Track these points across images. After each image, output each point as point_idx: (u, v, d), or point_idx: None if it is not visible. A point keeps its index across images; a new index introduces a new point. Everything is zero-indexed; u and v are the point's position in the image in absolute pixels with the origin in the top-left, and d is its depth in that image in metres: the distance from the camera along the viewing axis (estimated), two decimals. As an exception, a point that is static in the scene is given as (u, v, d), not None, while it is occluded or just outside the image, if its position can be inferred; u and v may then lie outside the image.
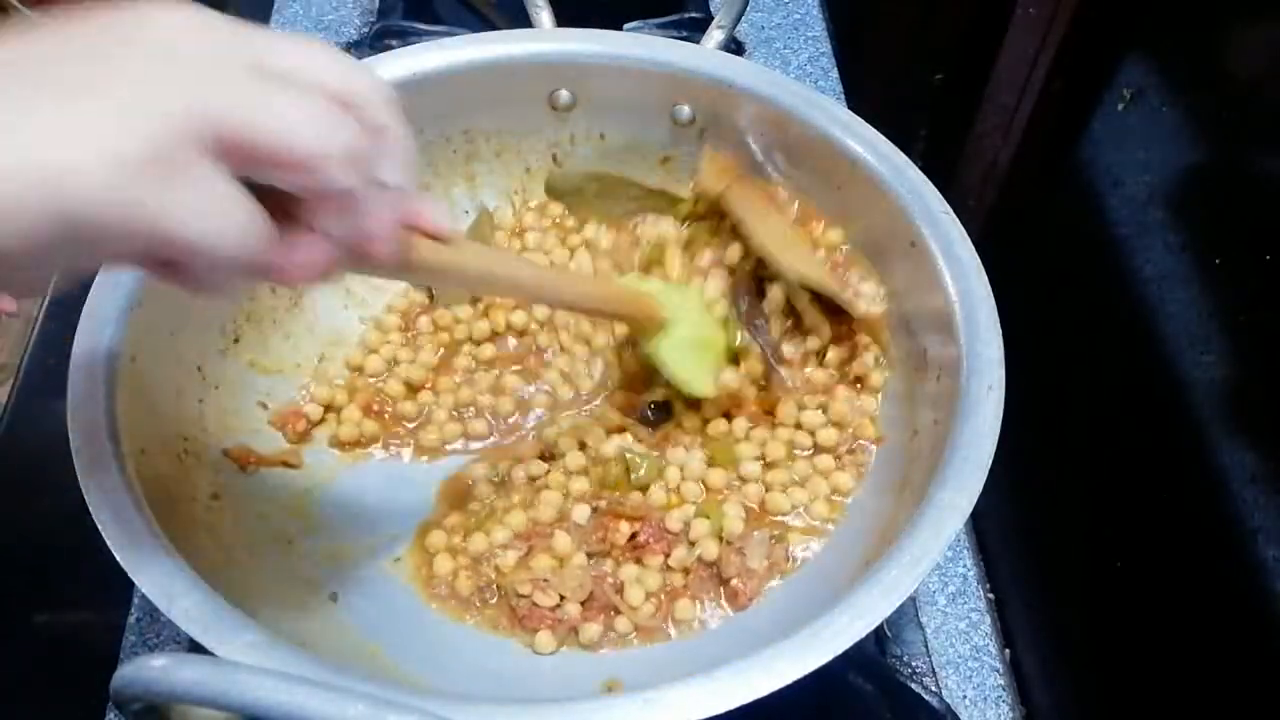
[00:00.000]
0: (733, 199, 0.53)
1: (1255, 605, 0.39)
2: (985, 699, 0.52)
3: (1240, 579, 0.40)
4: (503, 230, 0.59)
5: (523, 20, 0.61)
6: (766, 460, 0.51)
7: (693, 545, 0.48)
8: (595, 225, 0.58)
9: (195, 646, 0.35)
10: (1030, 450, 0.49)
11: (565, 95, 0.57)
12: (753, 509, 0.50)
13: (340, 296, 0.56)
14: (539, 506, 0.50)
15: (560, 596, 0.47)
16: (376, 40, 0.73)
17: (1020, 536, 0.57)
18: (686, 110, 0.56)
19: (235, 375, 0.51)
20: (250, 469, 0.49)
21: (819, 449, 0.51)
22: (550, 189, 0.59)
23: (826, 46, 0.79)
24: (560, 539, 0.49)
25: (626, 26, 0.70)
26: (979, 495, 0.40)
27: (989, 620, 0.55)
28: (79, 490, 0.39)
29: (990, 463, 0.41)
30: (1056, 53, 0.54)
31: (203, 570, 0.38)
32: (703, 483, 0.50)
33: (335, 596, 0.47)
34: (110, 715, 0.50)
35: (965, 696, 0.52)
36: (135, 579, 0.37)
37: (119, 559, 0.37)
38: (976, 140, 0.63)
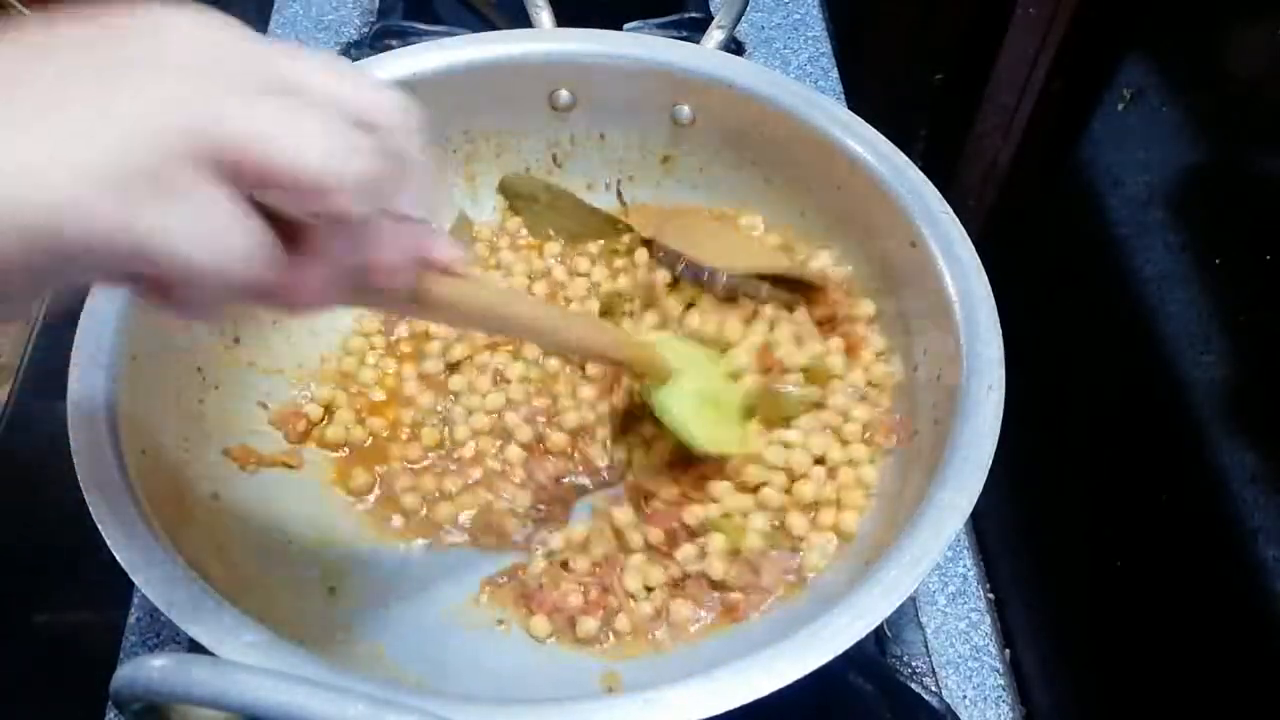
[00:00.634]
0: (665, 237, 0.55)
1: (1255, 605, 0.39)
2: (985, 699, 0.52)
3: (1240, 579, 0.40)
4: (481, 241, 0.59)
5: (523, 20, 0.61)
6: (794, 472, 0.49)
7: (704, 554, 0.47)
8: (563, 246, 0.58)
9: (195, 646, 0.35)
10: (1030, 450, 0.49)
11: (565, 95, 0.57)
12: (777, 526, 0.48)
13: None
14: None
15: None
16: (376, 40, 0.73)
17: (1020, 536, 0.57)
18: (686, 110, 0.56)
19: (235, 375, 0.51)
20: (250, 469, 0.49)
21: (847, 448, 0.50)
22: (504, 187, 0.59)
23: (826, 46, 0.79)
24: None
25: (626, 26, 0.70)
26: (979, 495, 0.40)
27: (989, 620, 0.55)
28: (79, 490, 0.39)
29: (990, 463, 0.41)
30: (1056, 53, 0.54)
31: (203, 570, 0.38)
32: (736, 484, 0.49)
33: (334, 590, 0.47)
34: (110, 715, 0.50)
35: (965, 696, 0.52)
36: (135, 579, 0.37)
37: (119, 559, 0.37)
38: (976, 140, 0.63)
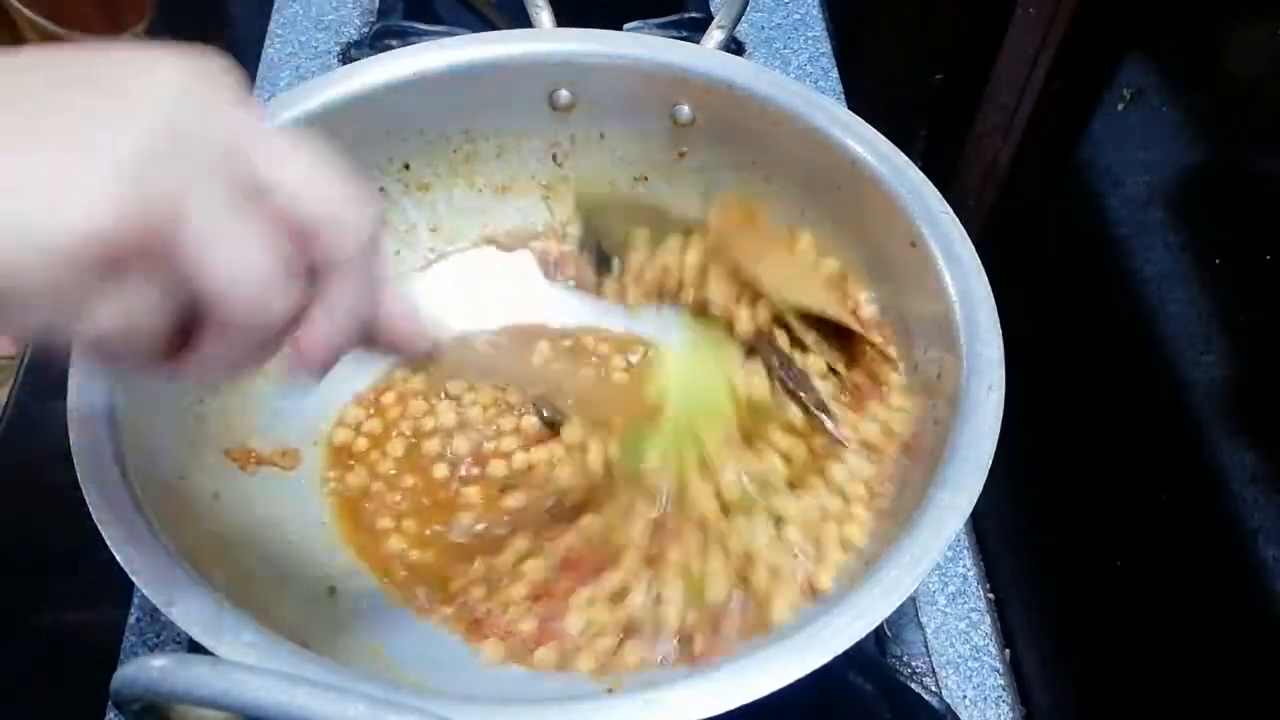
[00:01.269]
0: (734, 241, 0.54)
1: (1255, 605, 0.39)
2: (985, 699, 0.52)
3: (1240, 579, 0.40)
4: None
5: (523, 20, 0.61)
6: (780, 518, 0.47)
7: (659, 601, 0.45)
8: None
9: (195, 646, 0.35)
10: (1030, 450, 0.49)
11: (565, 95, 0.57)
12: (740, 572, 0.46)
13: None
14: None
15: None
16: (376, 40, 0.73)
17: (1020, 536, 0.57)
18: (686, 110, 0.56)
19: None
20: (250, 469, 0.49)
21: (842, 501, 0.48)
22: (580, 203, 0.59)
23: (826, 46, 0.79)
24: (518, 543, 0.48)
25: (626, 26, 0.70)
26: (979, 495, 0.40)
27: (989, 620, 0.55)
28: (79, 490, 0.39)
29: (990, 463, 0.41)
30: (1056, 53, 0.54)
31: (203, 570, 0.38)
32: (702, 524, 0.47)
33: (333, 590, 0.47)
34: (110, 715, 0.50)
35: (965, 696, 0.52)
36: (135, 579, 0.37)
37: (119, 559, 0.37)
38: (976, 140, 0.63)
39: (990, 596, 0.56)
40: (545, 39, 0.57)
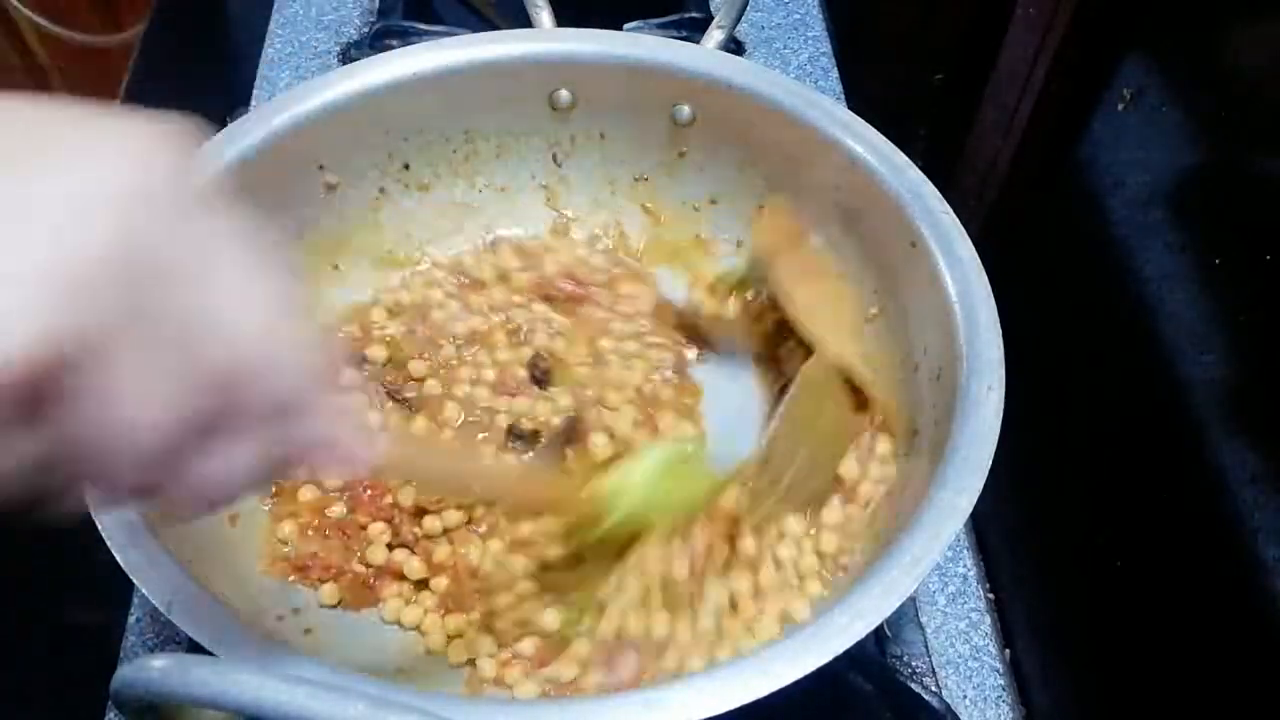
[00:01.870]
0: (780, 264, 0.53)
1: (1255, 605, 0.39)
2: (985, 699, 0.52)
3: (1240, 579, 0.40)
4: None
5: (523, 20, 0.61)
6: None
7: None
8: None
9: (195, 646, 0.35)
10: (1030, 450, 0.49)
11: (565, 95, 0.57)
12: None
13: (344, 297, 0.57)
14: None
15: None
16: (376, 40, 0.73)
17: (1020, 536, 0.57)
18: (686, 110, 0.56)
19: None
20: None
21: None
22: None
23: (826, 46, 0.79)
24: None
25: (626, 26, 0.70)
26: (979, 495, 0.40)
27: (989, 620, 0.55)
28: (79, 490, 0.39)
29: (990, 463, 0.41)
30: (1056, 53, 0.54)
31: (203, 570, 0.38)
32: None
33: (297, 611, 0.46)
34: (110, 715, 0.50)
35: (965, 696, 0.52)
36: (135, 579, 0.37)
37: (119, 559, 0.37)
38: (976, 140, 0.63)
39: (990, 596, 0.56)
40: (545, 39, 0.57)
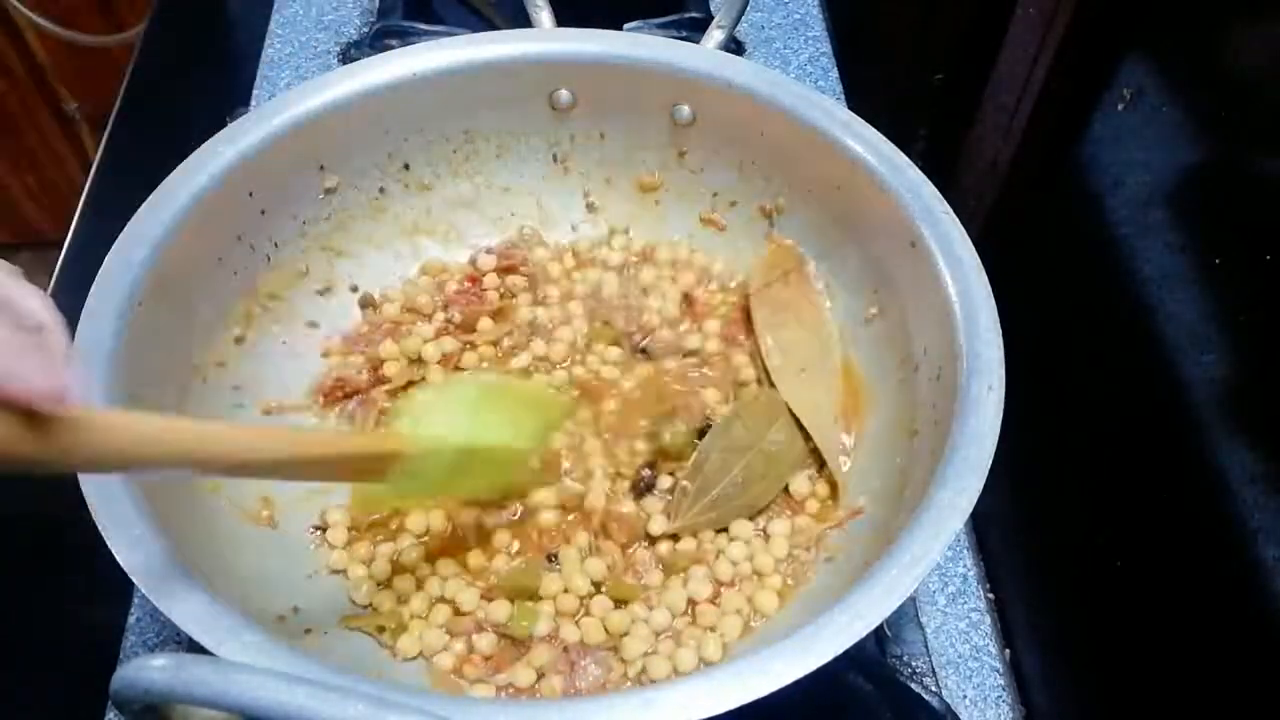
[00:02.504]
0: (766, 297, 0.55)
1: (1255, 605, 0.39)
2: (985, 699, 0.52)
3: (1240, 579, 0.40)
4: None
5: (523, 20, 0.61)
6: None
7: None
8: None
9: (195, 646, 0.35)
10: (1030, 450, 0.49)
11: (565, 95, 0.57)
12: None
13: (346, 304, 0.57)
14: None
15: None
16: (376, 40, 0.73)
17: (1020, 536, 0.57)
18: (686, 110, 0.56)
19: (236, 375, 0.51)
20: None
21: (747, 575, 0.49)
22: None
23: (826, 46, 0.79)
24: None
25: (626, 26, 0.70)
26: (979, 495, 0.40)
27: (989, 620, 0.55)
28: (79, 490, 0.39)
29: (990, 463, 0.41)
30: (1056, 53, 0.54)
31: (203, 570, 0.38)
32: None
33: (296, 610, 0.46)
34: (110, 715, 0.50)
35: (965, 696, 0.52)
36: (135, 579, 0.37)
37: (119, 559, 0.37)
38: (976, 140, 0.63)
39: (990, 596, 0.56)
40: (545, 39, 0.57)
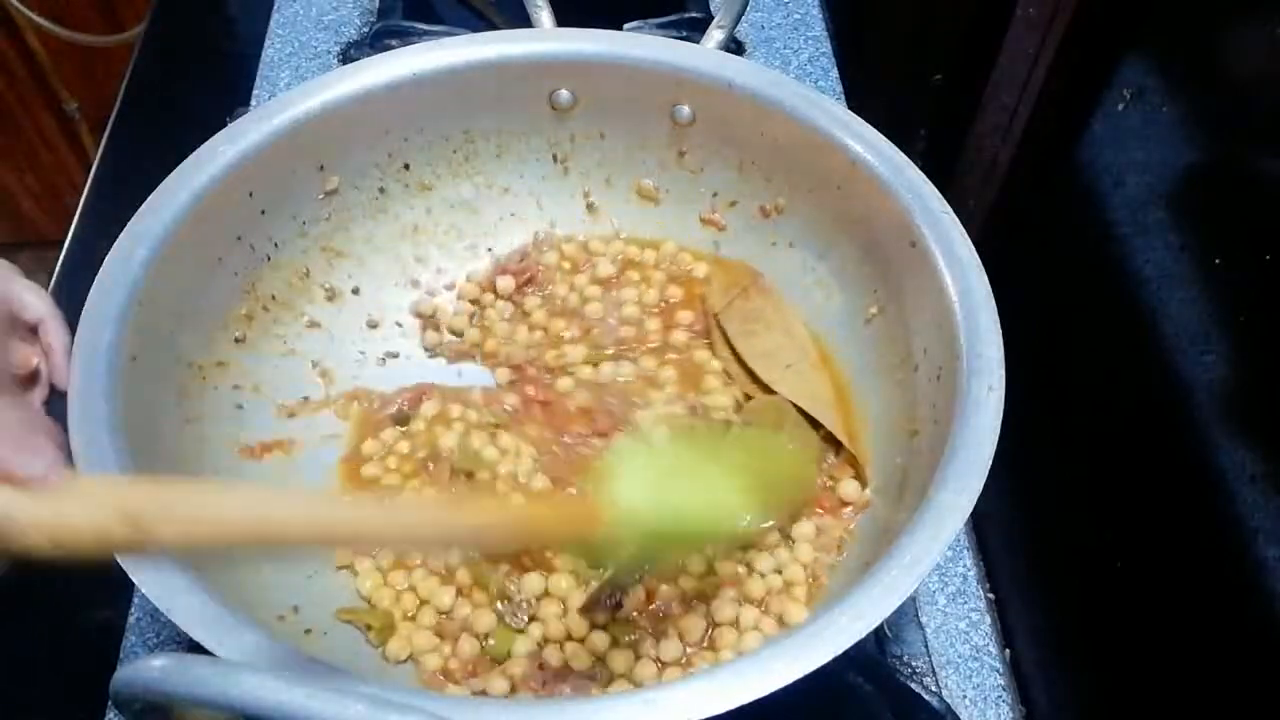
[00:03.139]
0: (730, 314, 0.55)
1: (1255, 605, 0.39)
2: (985, 699, 0.52)
3: (1240, 579, 0.40)
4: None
5: (523, 20, 0.61)
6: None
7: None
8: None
9: (195, 646, 0.35)
10: (1030, 450, 0.49)
11: (565, 95, 0.57)
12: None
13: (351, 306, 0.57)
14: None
15: None
16: (376, 40, 0.73)
17: (1020, 536, 0.57)
18: (686, 110, 0.56)
19: (236, 375, 0.51)
20: (258, 456, 0.50)
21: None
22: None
23: (826, 46, 0.79)
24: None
25: (626, 26, 0.70)
26: (979, 495, 0.40)
27: (989, 620, 0.55)
28: (79, 490, 0.38)
29: (990, 463, 0.41)
30: (1056, 53, 0.54)
31: (203, 570, 0.38)
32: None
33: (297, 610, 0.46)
34: (110, 715, 0.50)
35: (965, 696, 0.52)
36: (135, 579, 0.37)
37: (119, 559, 0.37)
38: (976, 140, 0.63)
39: (990, 596, 0.56)
40: (545, 39, 0.57)
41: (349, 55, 0.75)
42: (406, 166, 0.57)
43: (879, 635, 0.52)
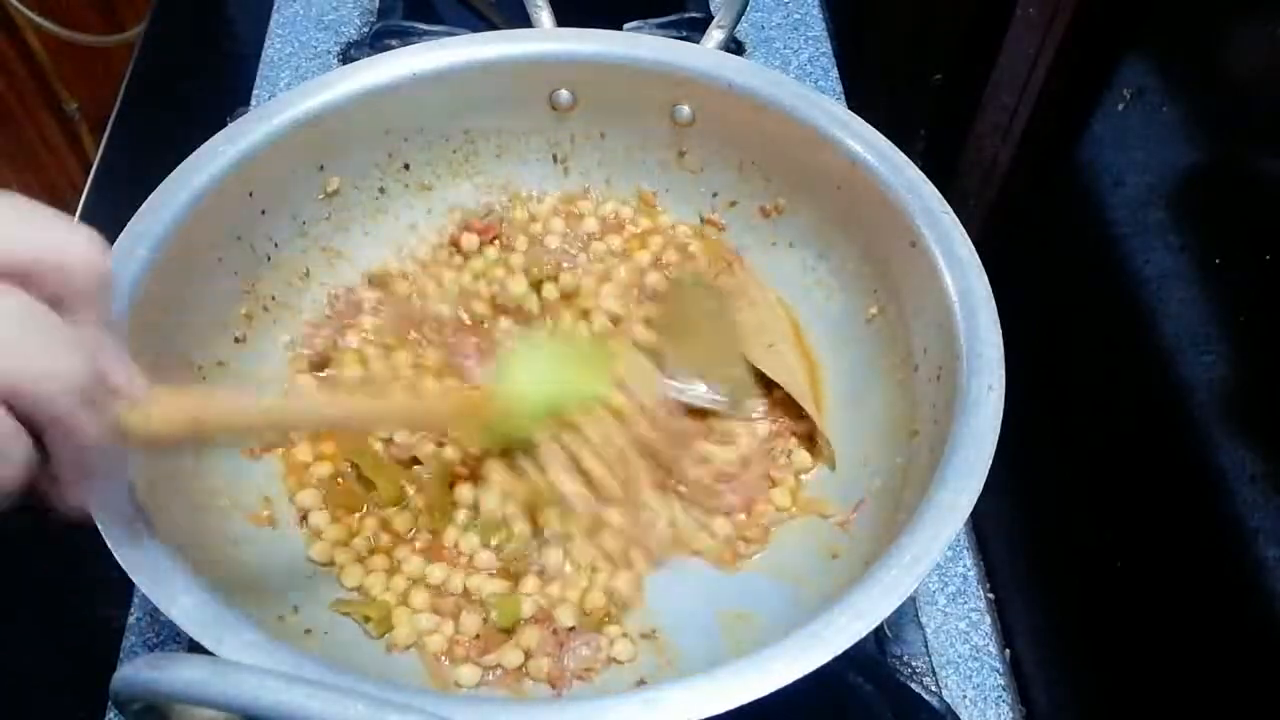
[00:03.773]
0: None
1: (1255, 605, 0.39)
2: (985, 699, 0.52)
3: (1240, 579, 0.40)
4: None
5: (523, 20, 0.61)
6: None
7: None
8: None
9: (195, 646, 0.35)
10: (1030, 450, 0.49)
11: (565, 95, 0.57)
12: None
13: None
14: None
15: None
16: (376, 40, 0.73)
17: (1020, 536, 0.57)
18: (686, 110, 0.56)
19: (235, 376, 0.51)
20: (257, 457, 0.50)
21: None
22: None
23: (826, 46, 0.79)
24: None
25: (626, 26, 0.70)
26: (979, 495, 0.40)
27: (989, 620, 0.55)
28: (79, 490, 0.38)
29: (990, 463, 0.41)
30: (1056, 53, 0.54)
31: (203, 570, 0.38)
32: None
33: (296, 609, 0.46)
34: (110, 715, 0.50)
35: (965, 696, 0.52)
36: (135, 579, 0.37)
37: (119, 559, 0.37)
38: (976, 140, 0.63)
39: (990, 596, 0.56)
40: (545, 39, 0.57)
41: (349, 55, 0.75)
42: (406, 166, 0.57)
43: (879, 635, 0.52)
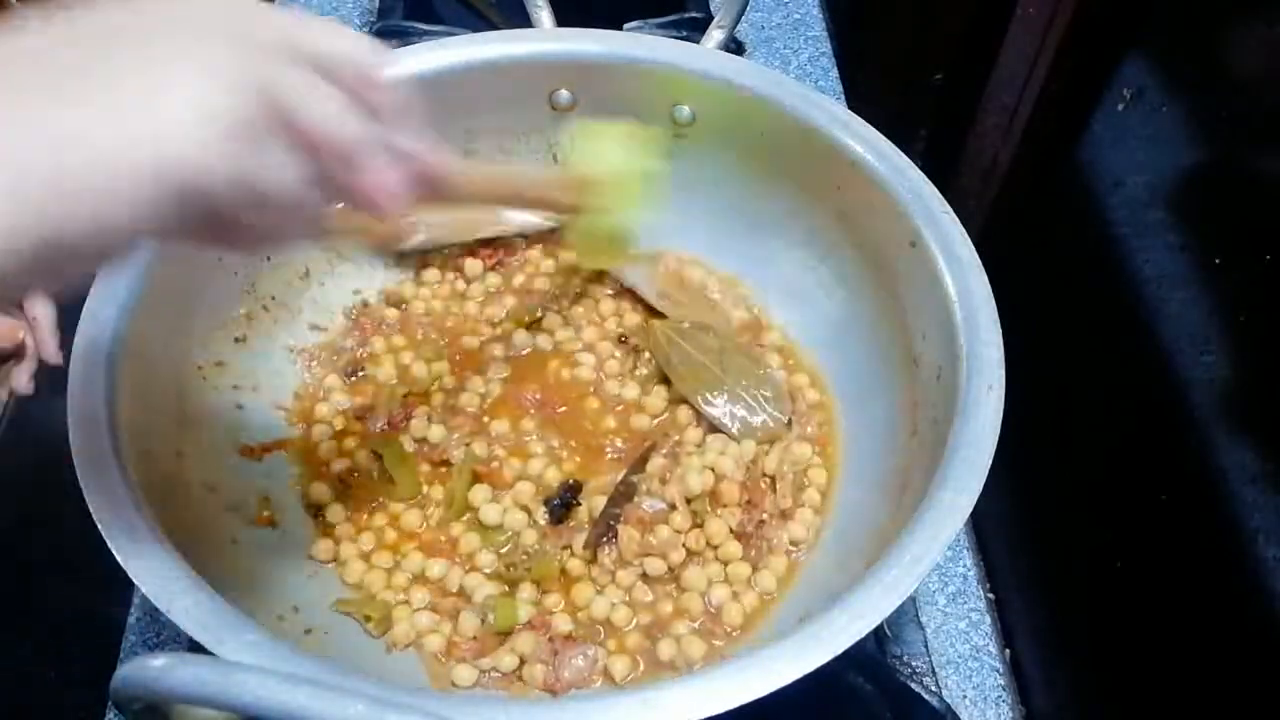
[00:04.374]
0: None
1: (1255, 605, 0.39)
2: (985, 699, 0.52)
3: (1240, 579, 0.40)
4: None
5: (523, 20, 0.61)
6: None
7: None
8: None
9: (195, 646, 0.35)
10: (1030, 450, 0.49)
11: (565, 95, 0.57)
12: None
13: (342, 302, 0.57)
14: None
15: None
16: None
17: (1020, 536, 0.57)
18: (686, 110, 0.56)
19: (235, 375, 0.51)
20: (258, 457, 0.50)
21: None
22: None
23: (826, 46, 0.79)
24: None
25: (626, 26, 0.70)
26: (979, 495, 0.40)
27: (989, 620, 0.55)
28: (79, 490, 0.39)
29: (990, 463, 0.41)
30: (1056, 53, 0.54)
31: (203, 570, 0.38)
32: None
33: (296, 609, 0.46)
34: (110, 715, 0.50)
35: (965, 696, 0.52)
36: (135, 579, 0.37)
37: (119, 559, 0.37)
38: (976, 140, 0.63)
39: (990, 596, 0.56)
40: (545, 39, 0.57)
41: (349, 55, 0.75)
42: (406, 166, 0.57)
43: (879, 635, 0.52)
